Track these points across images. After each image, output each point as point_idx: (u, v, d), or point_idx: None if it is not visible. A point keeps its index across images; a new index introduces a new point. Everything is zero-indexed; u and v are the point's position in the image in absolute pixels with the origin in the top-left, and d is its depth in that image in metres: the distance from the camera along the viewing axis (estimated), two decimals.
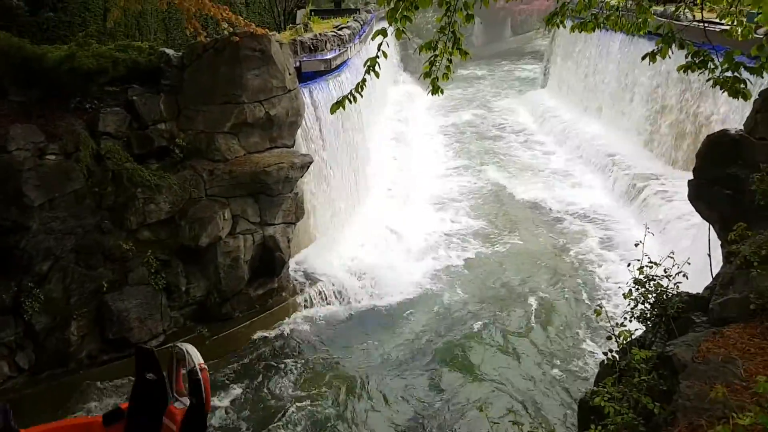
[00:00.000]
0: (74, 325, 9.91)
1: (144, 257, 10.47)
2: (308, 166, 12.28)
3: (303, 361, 10.98)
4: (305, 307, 12.44)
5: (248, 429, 9.36)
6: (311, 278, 13.13)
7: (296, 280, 12.93)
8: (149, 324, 10.43)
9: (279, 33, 14.48)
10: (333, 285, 13.04)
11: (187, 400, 6.04)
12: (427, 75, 5.74)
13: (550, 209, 18.18)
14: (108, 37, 12.14)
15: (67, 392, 9.60)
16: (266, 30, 12.14)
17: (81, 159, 9.97)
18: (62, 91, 10.29)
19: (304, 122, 13.21)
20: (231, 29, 11.30)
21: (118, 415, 6.49)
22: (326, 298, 12.76)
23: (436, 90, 5.82)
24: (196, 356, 5.97)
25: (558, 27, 6.18)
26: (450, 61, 5.73)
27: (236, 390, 10.19)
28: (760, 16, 4.94)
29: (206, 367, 5.98)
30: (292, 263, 13.04)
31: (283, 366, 10.81)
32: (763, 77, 5.41)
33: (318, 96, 14.37)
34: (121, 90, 10.94)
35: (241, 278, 11.66)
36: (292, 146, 12.62)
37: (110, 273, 10.38)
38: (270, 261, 12.07)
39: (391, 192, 18.77)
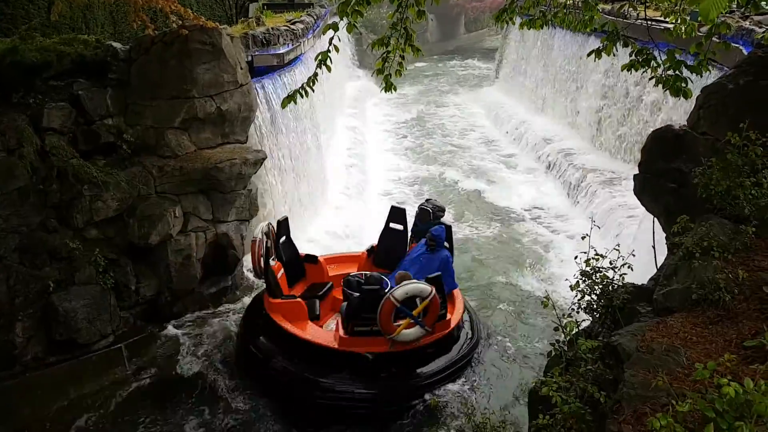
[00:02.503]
0: (19, 326, 9.60)
1: (91, 256, 10.20)
2: (262, 162, 12.16)
3: None
4: None
5: (203, 430, 9.24)
6: None
7: (250, 277, 12.80)
8: (98, 324, 10.18)
9: (230, 26, 14.26)
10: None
11: None
12: (380, 72, 5.77)
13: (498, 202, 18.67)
14: (53, 30, 11.78)
15: (13, 396, 9.34)
16: (217, 23, 11.97)
17: (24, 155, 9.64)
18: (4, 85, 9.92)
19: (257, 118, 13.07)
20: (180, 22, 11.10)
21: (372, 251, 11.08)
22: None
23: (389, 87, 5.85)
24: None
25: (507, 24, 6.27)
26: (403, 57, 5.77)
27: (190, 390, 10.03)
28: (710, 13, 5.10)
29: None
30: (246, 261, 12.91)
31: (236, 366, 10.68)
32: (702, 75, 5.58)
33: (271, 91, 14.23)
34: (66, 84, 10.61)
35: (194, 277, 11.49)
36: (245, 142, 12.48)
37: (56, 272, 10.08)
38: (223, 259, 11.93)
39: (348, 186, 18.75)
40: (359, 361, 8.90)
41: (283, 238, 10.53)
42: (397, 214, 11.25)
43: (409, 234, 11.19)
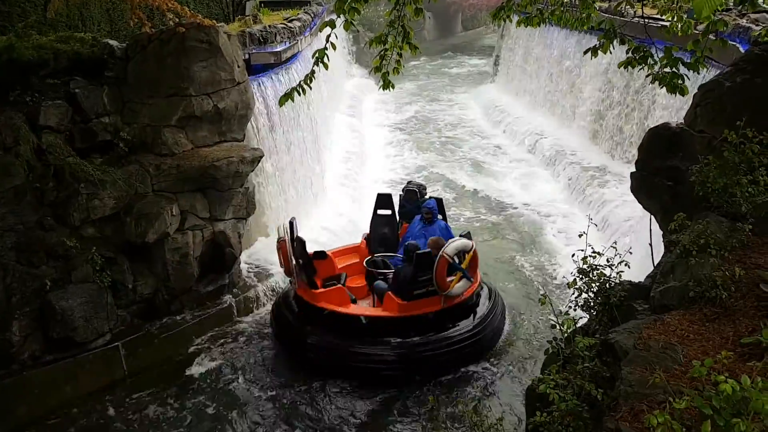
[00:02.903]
0: (16, 325, 9.57)
1: (88, 254, 10.18)
2: (259, 161, 12.15)
3: (256, 356, 10.89)
4: (258, 302, 12.32)
5: (200, 428, 9.24)
6: (264, 273, 13.01)
7: (249, 275, 12.80)
8: (95, 323, 10.16)
9: (227, 24, 14.24)
10: (286, 279, 12.94)
11: None
12: (377, 69, 5.76)
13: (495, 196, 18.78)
14: (49, 28, 11.76)
15: (10, 394, 9.33)
16: (214, 21, 11.95)
17: (21, 153, 9.62)
18: (0, 83, 9.91)
19: (254, 115, 13.05)
20: (177, 20, 11.07)
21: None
22: (278, 293, 12.64)
23: (387, 85, 5.84)
24: None
25: (504, 22, 6.26)
26: (400, 55, 5.76)
27: (188, 388, 10.04)
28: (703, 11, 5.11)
29: None
30: (244, 258, 12.91)
31: (235, 362, 10.70)
32: (698, 73, 5.58)
33: (268, 89, 14.21)
34: (62, 82, 10.59)
35: (191, 275, 11.47)
36: (242, 140, 12.47)
37: (53, 271, 10.06)
38: (220, 257, 11.91)
39: (346, 183, 18.74)
40: (419, 322, 9.95)
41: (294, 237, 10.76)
42: (383, 200, 12.04)
43: (398, 217, 11.99)
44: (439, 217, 11.33)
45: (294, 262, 10.48)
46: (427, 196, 11.81)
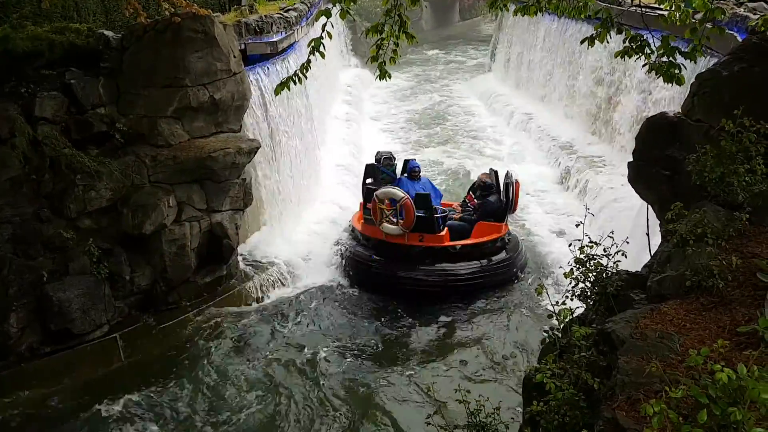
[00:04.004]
0: (14, 317, 9.59)
1: (85, 246, 10.18)
2: (256, 152, 12.12)
3: (253, 347, 10.91)
4: (255, 293, 12.33)
5: (198, 419, 9.26)
6: (261, 264, 13.02)
7: (246, 266, 12.80)
8: (92, 314, 10.17)
9: (223, 14, 14.14)
10: (283, 269, 12.97)
11: None
12: (374, 59, 5.72)
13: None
14: (44, 19, 11.66)
15: (8, 386, 9.34)
16: (209, 11, 11.88)
17: (17, 145, 9.59)
18: None
19: (251, 106, 13.00)
20: (172, 10, 11.00)
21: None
22: (276, 284, 12.66)
23: (383, 74, 5.80)
24: None
25: (501, 11, 6.23)
26: (397, 44, 5.72)
27: (186, 379, 10.06)
28: (696, 0, 5.08)
29: None
30: (241, 249, 12.90)
31: (232, 354, 10.72)
32: (695, 62, 5.56)
33: (264, 79, 14.14)
34: (58, 73, 10.55)
35: (188, 266, 11.47)
36: (239, 131, 12.43)
37: (50, 263, 10.07)
38: (218, 248, 11.90)
39: (343, 175, 18.70)
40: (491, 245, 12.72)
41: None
42: (371, 170, 13.68)
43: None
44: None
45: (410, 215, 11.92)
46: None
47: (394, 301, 12.25)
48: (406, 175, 13.32)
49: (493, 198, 13.00)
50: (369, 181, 13.49)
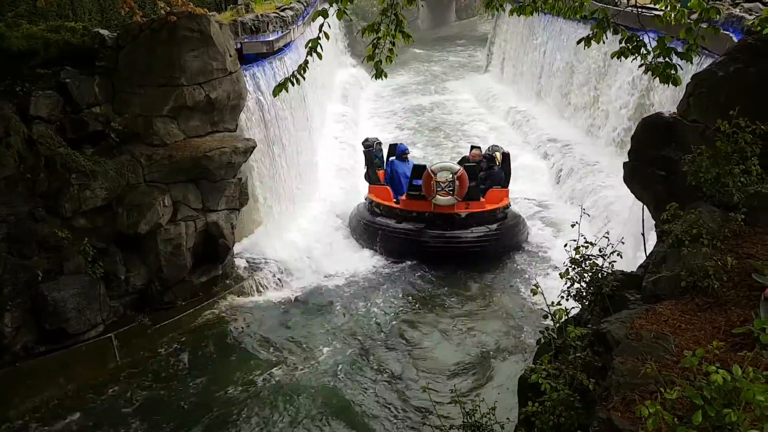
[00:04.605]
0: (8, 316, 9.55)
1: (80, 245, 10.14)
2: (252, 151, 12.10)
3: (248, 347, 10.89)
4: (251, 293, 12.32)
5: (193, 419, 9.24)
6: (257, 264, 13.00)
7: (242, 266, 12.77)
8: (87, 314, 10.14)
9: (219, 13, 14.12)
10: (279, 269, 12.95)
11: None
12: (370, 58, 5.72)
13: None
14: (40, 18, 11.62)
15: (2, 386, 9.30)
16: (205, 10, 11.85)
17: (12, 144, 9.54)
18: None
19: (246, 106, 12.98)
20: (168, 9, 10.97)
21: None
22: (271, 283, 12.64)
23: (379, 73, 5.80)
24: None
25: (497, 10, 6.22)
26: (393, 44, 5.72)
27: (181, 379, 10.04)
28: (692, 0, 5.08)
29: None
30: (237, 249, 12.88)
31: (228, 353, 10.70)
32: (691, 62, 5.56)
33: (261, 79, 14.12)
34: (53, 72, 10.49)
35: (184, 266, 11.44)
36: (235, 130, 12.40)
37: (45, 262, 10.03)
38: (214, 248, 11.88)
39: (339, 173, 18.69)
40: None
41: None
42: (369, 156, 15.02)
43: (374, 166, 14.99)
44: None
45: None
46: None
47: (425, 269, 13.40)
48: (394, 157, 14.90)
49: (497, 168, 14.64)
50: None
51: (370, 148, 15.08)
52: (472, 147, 15.33)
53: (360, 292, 12.77)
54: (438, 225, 13.67)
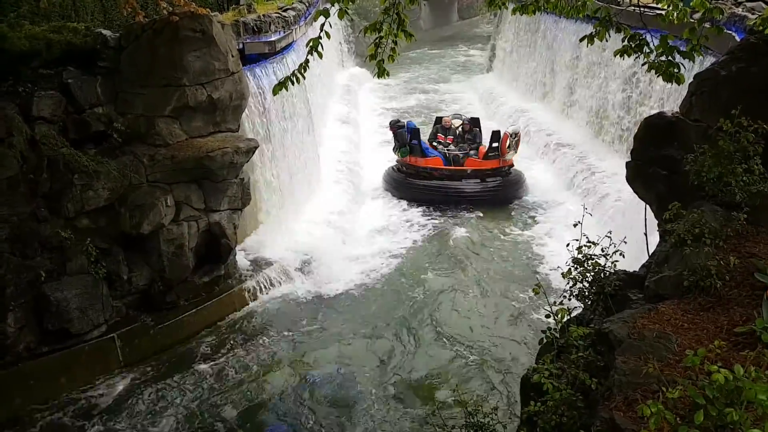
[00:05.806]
0: (11, 316, 9.55)
1: (83, 245, 10.14)
2: (254, 151, 12.10)
3: (250, 347, 10.90)
4: (253, 292, 12.32)
5: (196, 419, 9.25)
6: (259, 264, 13.01)
7: (244, 266, 12.79)
8: (90, 314, 10.15)
9: (221, 14, 14.13)
10: (281, 269, 12.95)
11: None
12: (372, 57, 5.71)
13: None
14: (42, 18, 11.64)
15: (5, 385, 9.32)
16: (207, 10, 11.86)
17: (14, 145, 9.55)
18: None
19: (249, 106, 12.98)
20: (170, 9, 10.98)
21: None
22: (274, 283, 12.65)
23: (382, 72, 5.78)
24: None
25: (500, 9, 6.22)
26: (395, 43, 5.71)
27: (184, 379, 10.05)
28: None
29: None
30: (239, 249, 12.89)
31: (229, 354, 10.71)
32: (694, 61, 5.55)
33: (263, 79, 14.12)
34: (55, 73, 10.51)
35: (186, 266, 11.45)
36: (237, 130, 12.41)
37: (48, 262, 10.03)
38: (216, 248, 11.89)
39: (341, 173, 18.69)
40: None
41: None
42: (400, 130, 17.97)
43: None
44: None
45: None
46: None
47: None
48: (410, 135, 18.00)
49: (477, 130, 18.56)
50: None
51: (401, 129, 17.83)
52: (453, 117, 19.33)
53: (360, 292, 12.79)
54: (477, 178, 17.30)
